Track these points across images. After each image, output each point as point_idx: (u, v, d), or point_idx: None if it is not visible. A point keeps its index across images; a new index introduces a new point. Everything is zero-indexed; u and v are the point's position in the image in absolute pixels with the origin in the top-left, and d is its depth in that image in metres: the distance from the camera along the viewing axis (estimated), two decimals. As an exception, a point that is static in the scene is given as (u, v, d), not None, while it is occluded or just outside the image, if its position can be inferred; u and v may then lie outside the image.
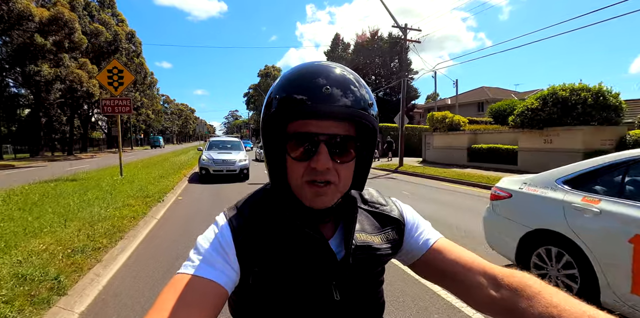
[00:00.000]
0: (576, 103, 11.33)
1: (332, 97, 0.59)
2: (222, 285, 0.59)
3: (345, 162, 0.64)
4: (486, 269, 0.66)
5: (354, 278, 0.69)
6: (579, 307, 0.52)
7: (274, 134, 0.65)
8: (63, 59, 24.27)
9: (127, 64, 33.69)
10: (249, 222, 0.67)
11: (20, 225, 4.63)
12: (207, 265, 0.60)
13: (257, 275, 0.64)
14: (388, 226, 0.76)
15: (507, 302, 0.60)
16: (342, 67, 0.65)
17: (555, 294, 0.56)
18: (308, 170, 0.62)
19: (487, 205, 3.64)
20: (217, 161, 11.38)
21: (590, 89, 11.40)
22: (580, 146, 11.46)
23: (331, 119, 0.61)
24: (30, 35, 23.15)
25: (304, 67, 0.65)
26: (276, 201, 0.70)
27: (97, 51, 32.30)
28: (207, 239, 0.65)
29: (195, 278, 0.58)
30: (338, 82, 0.61)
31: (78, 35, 23.85)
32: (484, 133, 16.43)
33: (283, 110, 0.61)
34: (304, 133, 0.61)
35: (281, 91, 0.63)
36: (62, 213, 5.30)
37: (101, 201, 6.42)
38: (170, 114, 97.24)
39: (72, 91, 26.32)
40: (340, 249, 0.69)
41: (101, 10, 33.80)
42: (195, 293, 0.56)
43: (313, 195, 0.63)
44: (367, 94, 0.63)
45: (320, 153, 0.60)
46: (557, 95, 11.78)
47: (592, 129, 11.49)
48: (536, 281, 0.60)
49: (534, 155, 12.97)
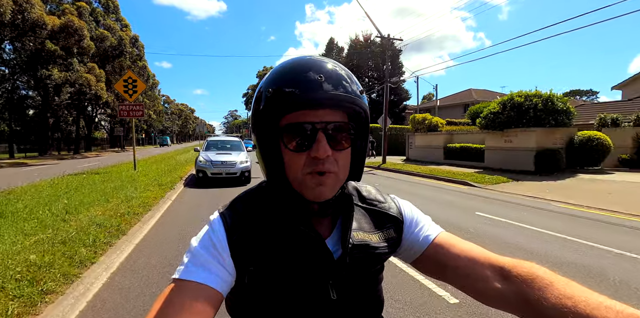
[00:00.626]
0: (529, 107, 13.07)
1: (325, 87, 0.60)
2: (215, 288, 0.59)
3: (342, 149, 0.65)
4: (492, 261, 0.64)
5: (351, 278, 0.68)
6: (594, 298, 0.51)
7: (266, 129, 0.65)
8: (73, 63, 25.94)
9: (131, 67, 35.36)
10: (244, 220, 0.67)
11: (74, 201, 6.33)
12: (200, 269, 0.60)
13: (252, 274, 0.64)
14: (386, 224, 0.75)
15: (516, 294, 0.58)
16: (332, 61, 0.67)
17: (568, 284, 0.54)
18: (308, 161, 0.62)
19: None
20: (215, 163, 10.36)
21: (542, 95, 13.15)
22: (534, 145, 13.18)
23: (326, 108, 0.62)
24: (41, 42, 24.82)
25: (296, 61, 0.66)
26: (272, 199, 0.70)
27: (103, 55, 33.93)
28: (200, 241, 0.64)
29: (188, 284, 0.58)
30: (330, 73, 0.62)
31: (87, 42, 25.54)
32: (459, 134, 18.18)
33: (276, 103, 0.61)
34: (300, 123, 0.62)
35: (273, 84, 0.63)
36: (102, 195, 7.01)
37: (127, 187, 8.13)
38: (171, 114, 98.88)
39: (81, 94, 28.01)
40: (337, 248, 0.68)
41: (106, 16, 35.44)
42: (187, 299, 0.56)
43: (315, 184, 0.63)
44: (357, 85, 0.65)
45: (319, 141, 0.61)
46: (514, 100, 13.53)
47: (545, 130, 13.20)
48: (546, 271, 0.58)
49: (497, 153, 14.71)
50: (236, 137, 15.61)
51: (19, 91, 31.12)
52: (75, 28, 24.22)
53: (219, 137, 16.63)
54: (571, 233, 5.18)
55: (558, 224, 5.80)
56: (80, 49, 25.86)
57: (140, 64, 38.22)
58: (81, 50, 26.09)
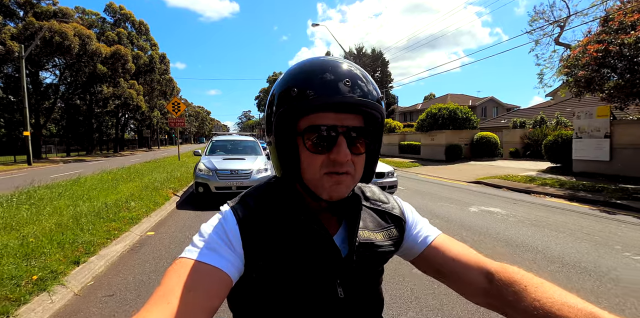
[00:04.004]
0: (439, 116, 19.13)
1: (351, 92, 0.61)
2: (227, 273, 0.59)
3: (360, 154, 0.66)
4: (481, 265, 0.69)
5: (358, 276, 0.70)
6: (560, 299, 0.56)
7: (287, 129, 0.65)
8: (119, 81, 33.12)
9: (159, 80, 42.53)
10: (255, 214, 0.67)
11: (156, 173, 12.77)
12: (212, 252, 0.60)
13: (261, 269, 0.64)
14: (390, 223, 0.78)
15: (498, 297, 0.64)
16: (349, 61, 0.67)
17: (540, 287, 0.60)
18: (326, 162, 0.63)
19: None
20: (222, 173, 7.60)
21: (449, 108, 19.17)
22: (444, 142, 19.18)
23: (347, 112, 0.63)
24: (94, 64, 31.86)
25: (318, 62, 0.66)
26: (282, 195, 0.71)
27: (137, 71, 41.17)
28: (213, 228, 0.65)
29: (200, 264, 0.58)
30: (349, 75, 0.63)
31: (130, 64, 32.55)
32: (409, 134, 24.24)
33: (302, 104, 0.61)
34: (323, 125, 0.62)
35: (297, 84, 0.63)
36: (168, 172, 13.49)
37: (178, 169, 14.63)
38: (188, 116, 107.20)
39: (125, 105, 35.19)
40: (344, 246, 0.70)
41: (139, 37, 42.60)
42: (201, 278, 0.56)
43: (332, 184, 0.63)
44: (375, 87, 0.66)
45: (340, 145, 0.62)
46: (431, 111, 19.61)
47: (452, 132, 19.17)
48: (524, 276, 0.63)
49: (426, 148, 20.78)
50: (250, 136, 11.68)
51: (72, 102, 38.66)
52: (121, 54, 31.26)
53: (227, 136, 12.03)
54: (416, 189, 11.27)
55: (414, 184, 11.71)
56: (124, 70, 32.91)
57: (167, 77, 45.34)
58: (125, 71, 33.16)
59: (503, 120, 27.07)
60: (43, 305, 2.89)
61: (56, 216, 5.40)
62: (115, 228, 5.02)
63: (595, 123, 10.88)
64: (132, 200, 7.03)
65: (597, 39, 9.35)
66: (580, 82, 9.74)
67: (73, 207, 6.07)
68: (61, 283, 3.26)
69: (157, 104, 47.50)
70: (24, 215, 5.40)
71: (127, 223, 5.41)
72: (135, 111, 38.70)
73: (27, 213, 5.53)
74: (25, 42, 24.87)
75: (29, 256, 3.62)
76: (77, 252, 3.93)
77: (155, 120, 55.34)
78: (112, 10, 41.48)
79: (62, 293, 3.14)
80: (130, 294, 3.21)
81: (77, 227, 4.75)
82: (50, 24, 25.62)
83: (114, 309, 2.94)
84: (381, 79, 45.59)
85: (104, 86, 33.19)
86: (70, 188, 8.41)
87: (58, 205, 6.22)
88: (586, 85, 9.74)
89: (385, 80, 45.96)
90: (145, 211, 6.47)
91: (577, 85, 9.96)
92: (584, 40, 10.01)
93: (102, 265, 3.89)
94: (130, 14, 42.36)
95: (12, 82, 27.93)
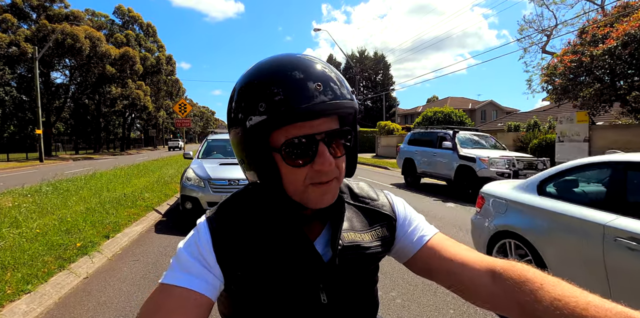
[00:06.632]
0: (435, 119, 19.96)
1: (322, 96, 0.56)
2: (204, 294, 0.58)
3: (342, 155, 0.63)
4: (484, 264, 0.64)
5: (343, 280, 0.67)
6: (583, 298, 0.51)
7: (257, 144, 0.59)
8: (127, 82, 34.20)
9: (166, 81, 43.64)
10: (231, 224, 0.65)
11: (165, 170, 13.68)
12: (186, 275, 0.59)
13: (240, 279, 0.62)
14: (378, 222, 0.73)
15: (508, 297, 0.58)
16: (321, 61, 0.62)
17: (558, 285, 0.55)
18: (311, 173, 0.59)
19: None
20: (216, 183, 5.72)
21: (443, 111, 19.98)
22: (439, 144, 20.01)
23: (323, 117, 0.58)
24: (103, 66, 32.93)
25: (283, 61, 0.60)
26: (260, 202, 0.68)
27: (144, 72, 42.28)
28: (186, 246, 0.63)
29: (175, 289, 0.57)
30: (325, 79, 0.58)
31: (138, 66, 33.64)
32: (407, 136, 25.03)
33: (271, 117, 0.56)
34: (299, 137, 0.57)
35: (262, 95, 0.57)
36: (175, 169, 14.40)
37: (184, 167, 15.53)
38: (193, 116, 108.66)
39: (133, 106, 36.29)
40: (327, 250, 0.67)
41: (146, 39, 43.73)
42: (177, 304, 0.55)
43: (320, 194, 0.61)
44: (347, 86, 0.62)
45: (322, 154, 0.58)
46: (427, 115, 20.43)
47: (447, 134, 19.98)
48: (535, 273, 0.59)
49: (422, 149, 21.59)
50: None
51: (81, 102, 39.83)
52: (130, 56, 32.36)
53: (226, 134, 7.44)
54: (372, 178, 12.10)
55: (373, 176, 12.65)
56: (132, 71, 34.01)
57: (173, 77, 46.50)
58: (133, 72, 34.26)
59: (500, 124, 27.80)
60: (87, 264, 3.77)
61: (83, 203, 6.29)
62: (134, 213, 5.90)
63: (575, 128, 11.62)
64: (146, 192, 7.89)
65: (573, 50, 10.14)
66: (557, 89, 10.53)
67: (97, 196, 6.97)
68: (97, 250, 4.13)
69: (163, 104, 48.64)
70: (55, 202, 6.30)
71: (144, 210, 6.31)
72: (142, 111, 39.81)
73: (57, 201, 6.43)
74: (38, 43, 25.94)
75: (69, 231, 4.50)
76: (106, 229, 4.81)
77: (161, 120, 56.57)
78: (121, 12, 42.67)
79: (98, 257, 4.01)
80: (150, 260, 4.08)
81: (104, 211, 5.65)
82: (62, 27, 26.71)
83: (139, 269, 3.80)
84: (383, 82, 46.53)
85: (113, 87, 34.28)
86: (89, 181, 9.32)
87: (83, 195, 7.12)
88: (563, 93, 10.52)
89: (387, 83, 46.85)
90: (157, 201, 7.35)
91: (555, 93, 10.74)
92: (563, 50, 10.81)
93: (126, 240, 4.76)
94: (138, 16, 43.53)
95: (25, 82, 29.05)
